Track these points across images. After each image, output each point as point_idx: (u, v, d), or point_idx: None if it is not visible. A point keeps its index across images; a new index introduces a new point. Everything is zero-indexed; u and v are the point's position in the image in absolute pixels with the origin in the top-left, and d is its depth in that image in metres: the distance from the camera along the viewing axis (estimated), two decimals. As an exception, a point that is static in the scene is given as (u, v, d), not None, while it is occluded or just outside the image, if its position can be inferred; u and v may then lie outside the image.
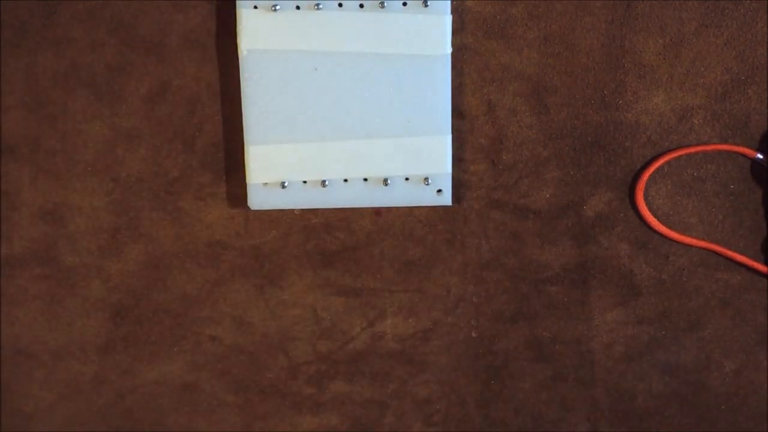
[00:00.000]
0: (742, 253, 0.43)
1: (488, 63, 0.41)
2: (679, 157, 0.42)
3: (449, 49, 0.40)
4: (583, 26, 0.41)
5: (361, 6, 0.40)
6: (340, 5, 0.40)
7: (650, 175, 0.42)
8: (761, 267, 0.43)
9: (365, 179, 0.42)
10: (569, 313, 0.45)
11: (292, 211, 0.44)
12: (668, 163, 0.42)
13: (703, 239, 0.43)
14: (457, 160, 0.43)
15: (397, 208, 0.44)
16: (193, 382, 0.43)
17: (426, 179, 0.42)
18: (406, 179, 0.42)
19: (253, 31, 0.40)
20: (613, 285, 0.44)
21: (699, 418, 0.46)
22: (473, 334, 0.44)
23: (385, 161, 0.42)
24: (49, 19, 0.42)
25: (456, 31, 0.41)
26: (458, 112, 0.42)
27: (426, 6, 0.39)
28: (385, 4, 0.39)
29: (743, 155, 0.42)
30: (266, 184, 0.42)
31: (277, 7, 0.39)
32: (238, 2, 0.40)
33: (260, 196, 0.43)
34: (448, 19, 0.40)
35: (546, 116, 0.42)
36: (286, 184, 0.42)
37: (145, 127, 0.43)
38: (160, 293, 0.46)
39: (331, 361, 0.47)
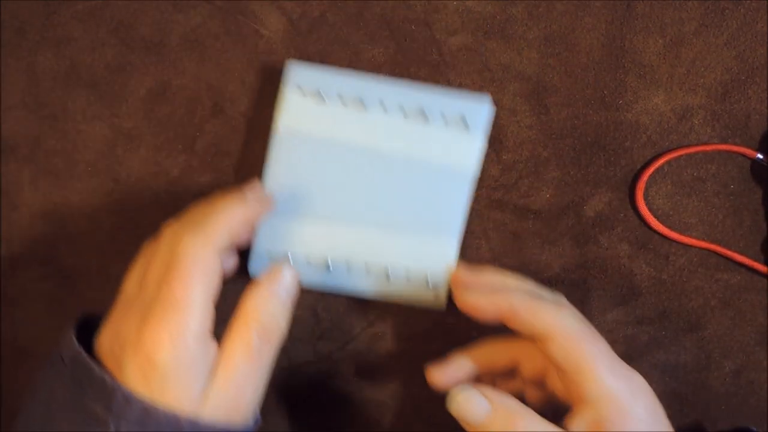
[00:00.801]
0: (742, 253, 0.43)
1: (488, 63, 0.41)
2: (679, 157, 0.42)
3: (473, 170, 0.41)
4: (583, 26, 0.41)
5: (404, 112, 0.41)
6: (384, 106, 0.41)
7: (650, 175, 0.42)
8: (761, 267, 0.43)
9: (368, 270, 0.43)
10: (569, 313, 0.45)
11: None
12: (668, 163, 0.42)
13: (703, 239, 0.43)
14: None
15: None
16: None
17: (427, 279, 0.43)
18: (408, 278, 0.43)
19: (294, 113, 0.41)
20: (613, 285, 0.44)
21: (699, 418, 0.46)
22: (473, 334, 0.44)
23: (390, 252, 0.43)
24: (49, 20, 0.42)
25: (456, 30, 0.41)
26: (458, 112, 0.42)
27: (466, 128, 0.40)
28: (426, 114, 0.41)
29: (743, 155, 0.42)
30: (270, 253, 0.43)
31: (324, 98, 0.40)
32: (284, 84, 0.40)
33: (262, 265, 0.43)
34: (480, 142, 0.41)
35: (546, 116, 0.42)
36: (290, 258, 0.43)
37: (145, 128, 0.43)
38: (160, 293, 0.46)
39: (331, 361, 0.47)
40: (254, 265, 0.43)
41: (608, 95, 0.42)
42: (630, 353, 0.45)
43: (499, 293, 0.37)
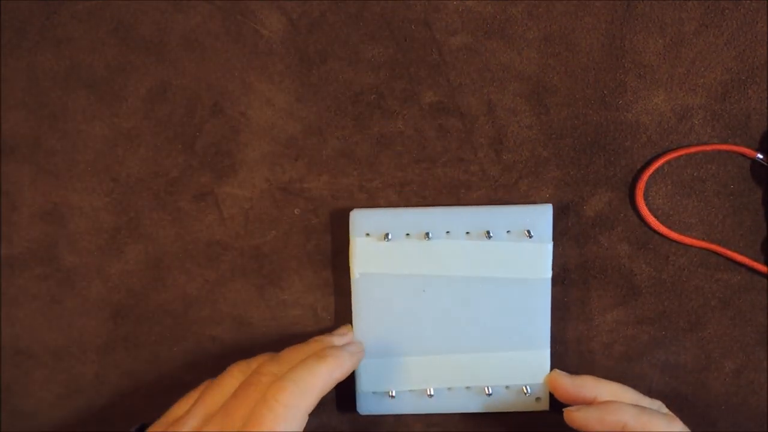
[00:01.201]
0: (742, 253, 0.43)
1: (488, 63, 0.41)
2: (679, 157, 0.42)
3: (549, 273, 0.43)
4: (583, 26, 0.41)
5: (468, 233, 0.42)
6: (448, 233, 0.42)
7: (650, 175, 0.42)
8: (761, 267, 0.43)
9: (468, 390, 0.45)
10: (569, 313, 0.45)
11: (292, 211, 0.44)
12: (668, 163, 0.42)
13: (703, 239, 0.43)
14: (458, 160, 0.43)
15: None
16: (193, 382, 0.43)
17: (525, 387, 0.44)
18: (507, 387, 0.44)
19: (365, 257, 0.43)
20: (613, 285, 0.44)
21: (699, 418, 0.46)
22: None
23: (487, 372, 0.44)
24: (49, 20, 0.42)
25: (456, 30, 0.41)
26: (458, 112, 0.42)
27: (530, 237, 0.42)
28: (491, 234, 0.42)
29: (743, 155, 0.42)
30: (375, 392, 0.45)
31: (390, 237, 0.42)
32: (351, 232, 0.43)
33: (370, 404, 0.45)
34: (550, 247, 0.42)
35: (546, 116, 0.42)
36: (394, 394, 0.45)
37: (145, 127, 0.43)
38: (160, 293, 0.46)
39: (331, 361, 0.47)
40: (363, 405, 0.45)
41: (608, 95, 0.42)
42: (630, 353, 0.45)
43: (609, 411, 0.39)
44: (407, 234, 0.42)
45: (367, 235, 0.42)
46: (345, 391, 0.46)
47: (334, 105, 0.42)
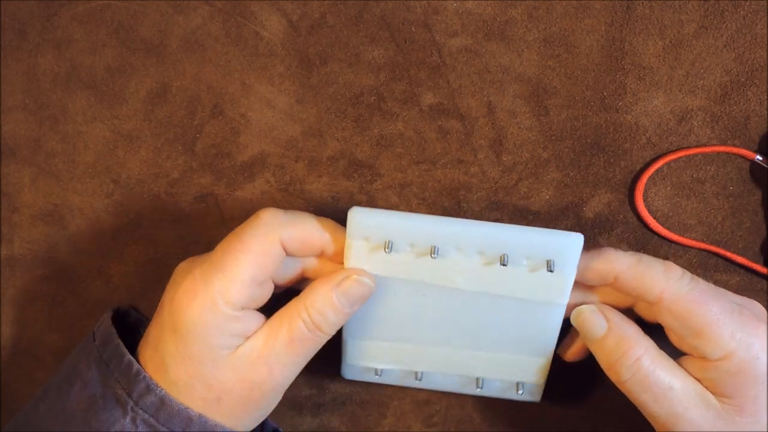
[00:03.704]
0: (741, 255, 0.43)
1: (488, 65, 0.41)
2: (679, 159, 0.42)
3: (566, 300, 0.39)
4: (583, 28, 0.41)
5: (481, 253, 0.38)
6: (458, 249, 0.38)
7: (650, 176, 0.42)
8: (760, 268, 0.43)
9: (459, 378, 0.43)
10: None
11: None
12: (668, 164, 0.42)
13: (703, 240, 0.43)
14: (458, 161, 0.43)
15: (397, 209, 0.44)
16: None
17: (517, 385, 0.43)
18: (499, 384, 0.43)
19: (362, 261, 0.39)
20: (613, 286, 0.44)
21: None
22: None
23: (480, 367, 0.43)
24: (49, 21, 0.42)
25: (456, 32, 0.41)
26: (458, 114, 0.42)
27: (551, 272, 0.38)
28: (507, 259, 0.38)
29: (742, 157, 0.42)
30: (362, 366, 0.43)
31: (391, 247, 0.38)
32: (348, 233, 0.38)
33: (356, 372, 0.44)
34: (573, 276, 0.39)
35: (546, 118, 0.42)
36: (380, 373, 0.43)
37: (146, 129, 0.43)
38: (160, 294, 0.46)
39: (331, 361, 0.47)
40: (347, 372, 0.44)
41: (608, 97, 0.42)
42: (629, 354, 0.45)
43: (602, 260, 0.37)
44: (413, 248, 0.38)
45: (366, 239, 0.38)
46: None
47: (334, 107, 0.42)
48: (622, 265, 0.37)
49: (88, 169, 0.44)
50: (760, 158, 0.41)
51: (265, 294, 0.38)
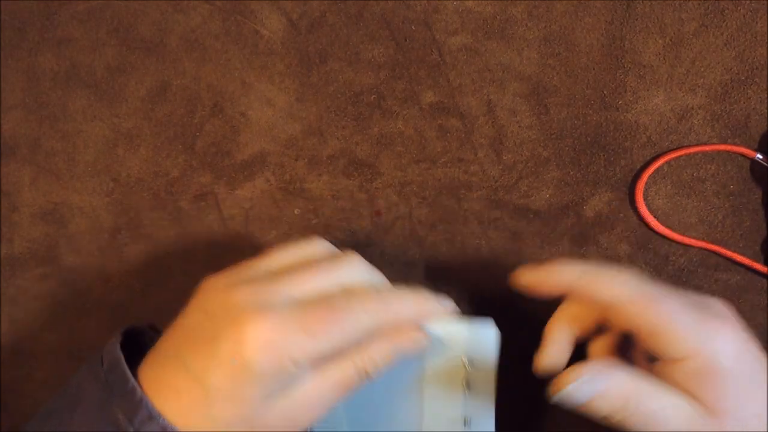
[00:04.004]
0: (741, 254, 0.43)
1: (488, 63, 0.41)
2: (679, 158, 0.42)
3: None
4: (583, 26, 0.41)
5: None
6: None
7: (650, 175, 0.42)
8: (761, 267, 0.43)
9: None
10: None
11: (292, 211, 0.44)
12: (668, 163, 0.42)
13: (703, 239, 0.43)
14: (458, 160, 0.43)
15: (397, 208, 0.44)
16: (194, 382, 0.43)
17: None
18: None
19: None
20: (613, 285, 0.44)
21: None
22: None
23: None
24: (49, 20, 0.42)
25: (456, 31, 0.41)
26: (458, 113, 0.42)
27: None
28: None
29: (743, 155, 0.42)
30: None
31: None
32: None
33: None
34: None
35: (546, 116, 0.42)
36: None
37: (145, 128, 0.43)
38: (160, 293, 0.46)
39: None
40: None
41: (608, 95, 0.42)
42: (630, 353, 0.45)
43: (556, 272, 0.37)
44: None
45: None
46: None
47: (334, 105, 0.42)
48: (573, 273, 0.37)
49: (87, 167, 0.44)
50: (761, 157, 0.41)
51: None
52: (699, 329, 0.34)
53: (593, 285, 0.36)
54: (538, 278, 0.37)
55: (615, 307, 0.35)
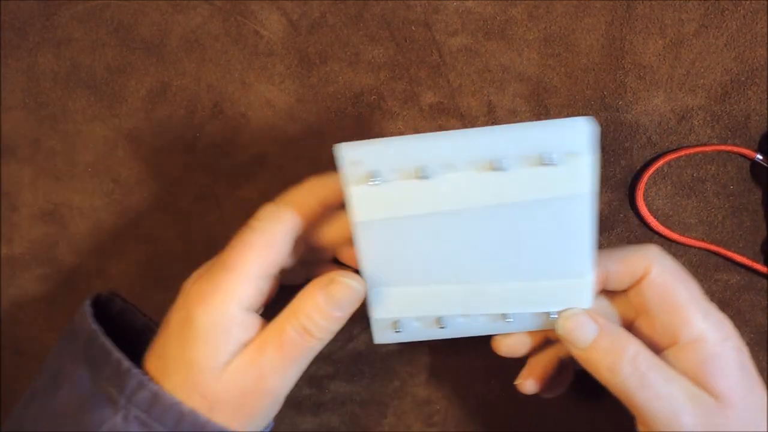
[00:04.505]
0: (741, 254, 0.43)
1: (488, 64, 0.41)
2: (679, 158, 0.42)
3: (590, 187, 0.34)
4: (583, 27, 0.41)
5: (478, 168, 0.34)
6: (455, 169, 0.34)
7: (650, 175, 0.42)
8: (761, 267, 0.43)
9: (486, 317, 0.39)
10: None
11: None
12: (668, 163, 0.42)
13: (703, 240, 0.43)
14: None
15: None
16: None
17: (548, 314, 0.38)
18: (530, 316, 0.38)
19: (364, 204, 0.35)
20: (613, 285, 0.44)
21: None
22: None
23: (509, 301, 0.38)
24: (49, 20, 0.41)
25: (456, 31, 0.41)
26: (458, 113, 0.42)
27: (551, 165, 0.33)
28: (515, 163, 0.34)
29: (743, 156, 0.42)
30: (388, 320, 0.39)
31: (389, 179, 0.34)
32: (343, 174, 0.34)
33: (385, 334, 0.39)
34: (590, 160, 0.33)
35: (546, 117, 0.42)
36: (398, 326, 0.39)
37: (146, 128, 0.43)
38: (160, 293, 0.46)
39: (331, 361, 0.47)
40: (378, 336, 0.40)
41: (608, 96, 0.42)
42: (630, 353, 0.45)
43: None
44: (406, 173, 0.34)
45: (359, 176, 0.34)
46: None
47: (334, 106, 0.42)
48: (609, 259, 0.37)
49: (88, 168, 0.44)
50: (761, 157, 0.41)
51: (271, 290, 0.38)
52: (710, 315, 0.35)
53: (629, 256, 0.36)
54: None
55: (648, 276, 0.36)
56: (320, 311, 0.36)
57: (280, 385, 0.37)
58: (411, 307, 0.38)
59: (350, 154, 0.34)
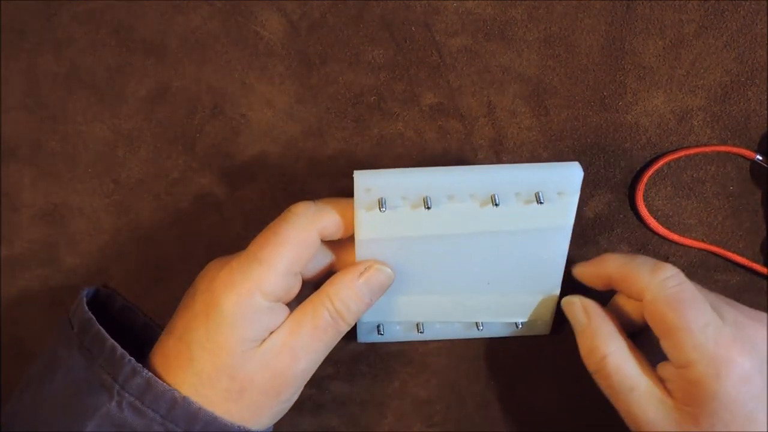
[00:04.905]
0: (741, 255, 0.43)
1: (488, 65, 0.41)
2: (679, 159, 0.42)
3: (571, 221, 0.39)
4: (583, 28, 0.41)
5: (477, 201, 0.38)
6: (455, 201, 0.38)
7: (650, 176, 0.42)
8: (760, 268, 0.43)
9: (460, 324, 0.44)
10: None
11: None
12: (668, 164, 0.42)
13: (703, 240, 0.43)
14: (458, 161, 0.43)
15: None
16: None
17: (516, 324, 0.44)
18: (500, 325, 0.44)
19: (369, 226, 0.39)
20: (613, 286, 0.44)
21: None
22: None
23: (483, 312, 0.43)
24: (49, 21, 0.41)
25: (456, 32, 0.41)
26: (458, 113, 0.42)
27: (541, 204, 0.38)
28: (504, 200, 0.38)
29: (743, 157, 0.42)
30: (374, 324, 0.44)
31: (396, 206, 0.38)
32: (357, 200, 0.38)
33: (369, 335, 0.45)
34: (575, 198, 0.39)
35: (546, 118, 0.42)
36: (382, 329, 0.44)
37: (146, 129, 0.43)
38: (161, 293, 0.46)
39: (331, 362, 0.47)
40: (361, 335, 0.45)
41: (608, 97, 0.42)
42: (629, 354, 0.45)
43: (599, 263, 0.40)
44: (410, 202, 0.38)
45: (370, 202, 0.38)
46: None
47: (334, 106, 0.42)
48: (614, 264, 0.38)
49: (88, 169, 0.44)
50: (760, 158, 0.41)
51: (297, 286, 0.38)
52: (708, 347, 0.34)
53: (631, 273, 0.38)
54: (588, 270, 0.40)
55: (644, 300, 0.36)
56: (356, 296, 0.38)
57: (311, 368, 0.38)
58: (396, 312, 0.43)
59: (364, 181, 0.38)
